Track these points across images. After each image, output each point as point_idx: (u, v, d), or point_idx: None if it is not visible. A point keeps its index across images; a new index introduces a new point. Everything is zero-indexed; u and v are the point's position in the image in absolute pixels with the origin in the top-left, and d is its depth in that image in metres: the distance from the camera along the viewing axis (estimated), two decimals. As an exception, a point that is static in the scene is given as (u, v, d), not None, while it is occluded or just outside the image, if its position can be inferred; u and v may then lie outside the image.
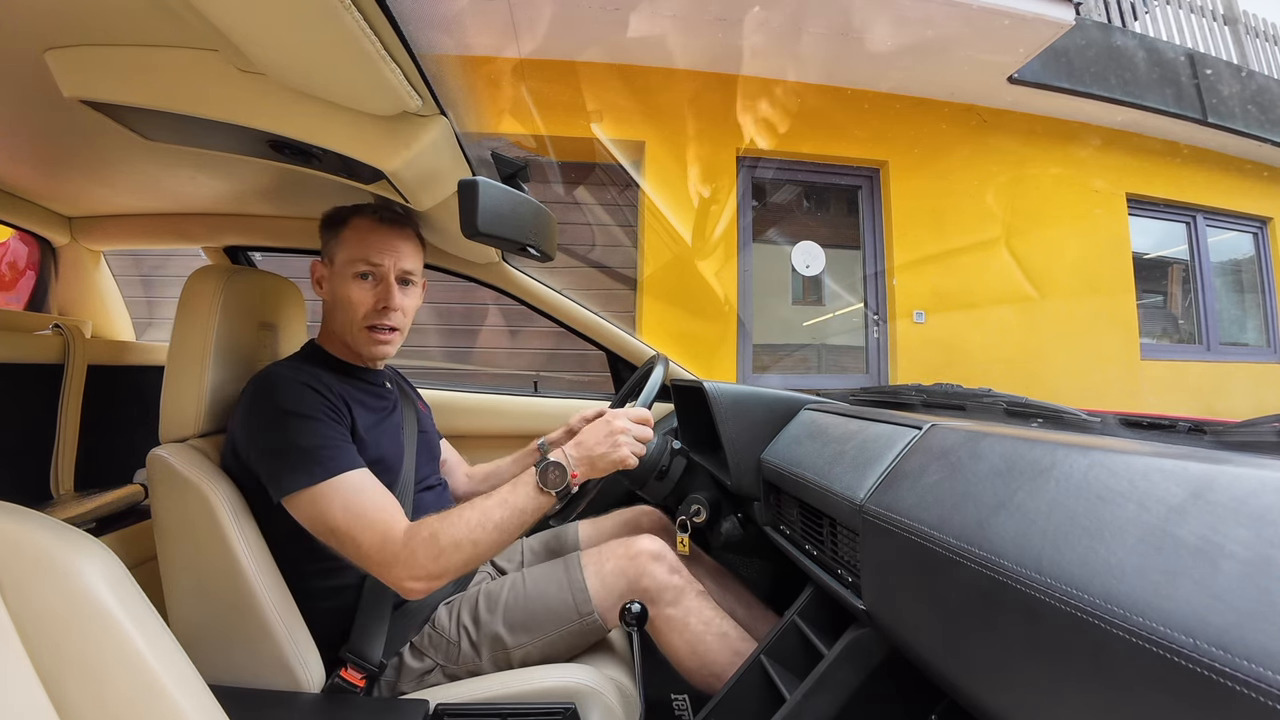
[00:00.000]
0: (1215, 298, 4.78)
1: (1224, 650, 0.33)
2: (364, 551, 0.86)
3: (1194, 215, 4.75)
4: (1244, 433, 0.58)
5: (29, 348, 1.29)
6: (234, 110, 0.75)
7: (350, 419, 0.96)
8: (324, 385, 0.95)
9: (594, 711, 0.92)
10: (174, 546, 0.89)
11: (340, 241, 1.03)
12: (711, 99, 3.83)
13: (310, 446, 0.88)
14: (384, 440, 1.03)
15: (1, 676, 0.40)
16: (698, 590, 1.06)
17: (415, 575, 0.86)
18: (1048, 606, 0.44)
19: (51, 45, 0.69)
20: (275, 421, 0.90)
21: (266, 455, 0.89)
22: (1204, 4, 4.83)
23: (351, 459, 0.91)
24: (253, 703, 0.86)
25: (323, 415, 0.91)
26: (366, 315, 1.01)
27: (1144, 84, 4.20)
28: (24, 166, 1.11)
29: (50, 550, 0.45)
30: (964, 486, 0.61)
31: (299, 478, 0.87)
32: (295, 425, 0.89)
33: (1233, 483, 0.41)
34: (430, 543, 0.87)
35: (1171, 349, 4.68)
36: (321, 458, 0.88)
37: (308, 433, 0.89)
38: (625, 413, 1.02)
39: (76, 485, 1.34)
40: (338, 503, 0.87)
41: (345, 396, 0.98)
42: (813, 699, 0.81)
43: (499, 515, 0.91)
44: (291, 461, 0.87)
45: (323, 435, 0.90)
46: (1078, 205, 4.36)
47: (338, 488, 0.87)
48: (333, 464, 0.88)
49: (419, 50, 0.64)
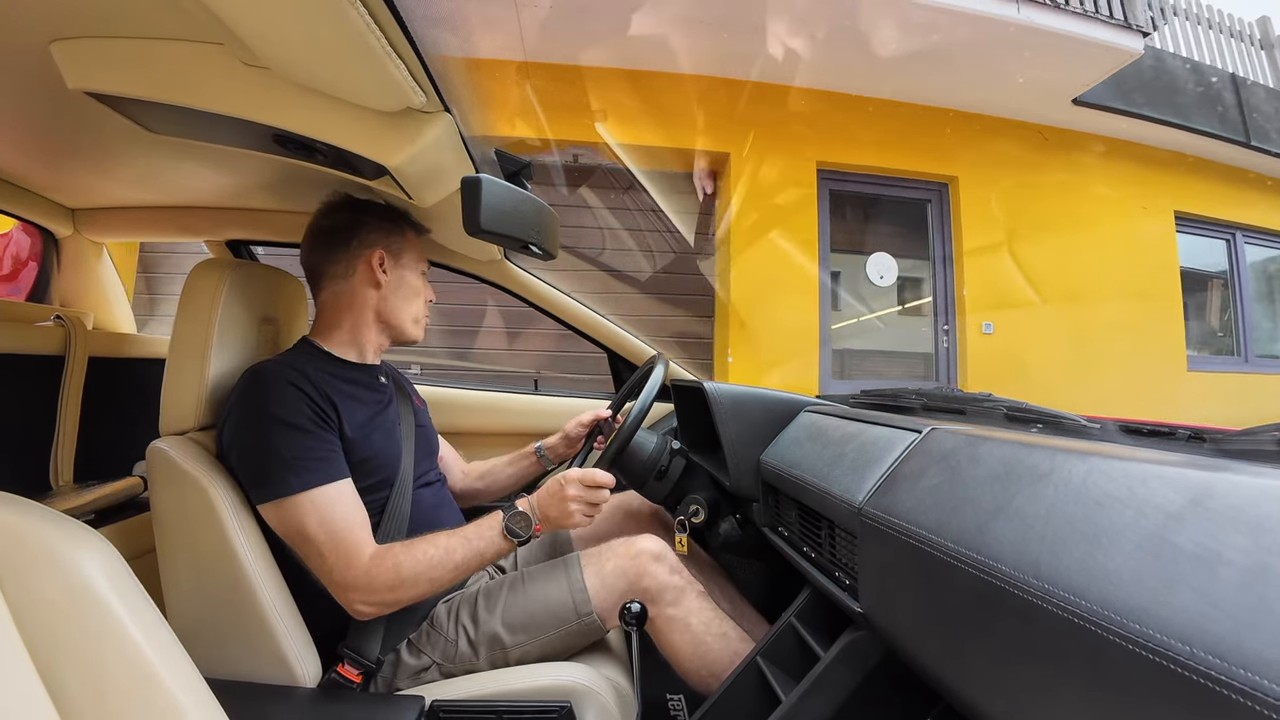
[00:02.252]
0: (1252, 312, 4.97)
1: (1220, 658, 0.33)
2: (327, 566, 0.88)
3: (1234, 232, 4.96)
4: (1243, 441, 0.58)
5: (30, 339, 1.29)
6: (238, 104, 0.75)
7: (338, 421, 0.95)
8: (313, 386, 0.94)
9: (590, 710, 0.92)
10: (172, 539, 0.89)
11: (406, 240, 1.13)
12: (791, 112, 3.96)
13: (290, 456, 0.88)
14: (376, 437, 1.02)
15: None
16: (698, 591, 1.06)
17: (369, 601, 0.89)
18: (1045, 612, 0.44)
19: (57, 37, 0.69)
20: (259, 425, 0.90)
21: (248, 458, 0.90)
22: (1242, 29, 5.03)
23: (331, 471, 0.91)
24: (249, 696, 0.86)
25: (307, 423, 0.91)
26: (425, 311, 1.16)
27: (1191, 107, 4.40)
28: (28, 158, 1.11)
29: (49, 541, 0.45)
30: (963, 491, 0.61)
31: (276, 487, 0.87)
32: (278, 432, 0.89)
33: (1232, 490, 0.41)
34: (392, 573, 0.88)
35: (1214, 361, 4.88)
36: (300, 468, 0.88)
37: (290, 441, 0.89)
38: (581, 476, 1.01)
39: (76, 477, 1.34)
40: (312, 516, 0.87)
41: (335, 395, 0.96)
42: (808, 701, 0.81)
43: (460, 556, 0.93)
44: (271, 469, 0.88)
45: (304, 445, 0.89)
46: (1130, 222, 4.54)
47: (314, 500, 0.87)
48: (311, 475, 0.88)
49: (424, 47, 0.64)
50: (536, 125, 3.74)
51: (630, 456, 1.25)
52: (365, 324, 1.09)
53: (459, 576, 0.94)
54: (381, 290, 1.09)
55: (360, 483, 0.96)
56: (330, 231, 1.07)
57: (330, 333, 1.07)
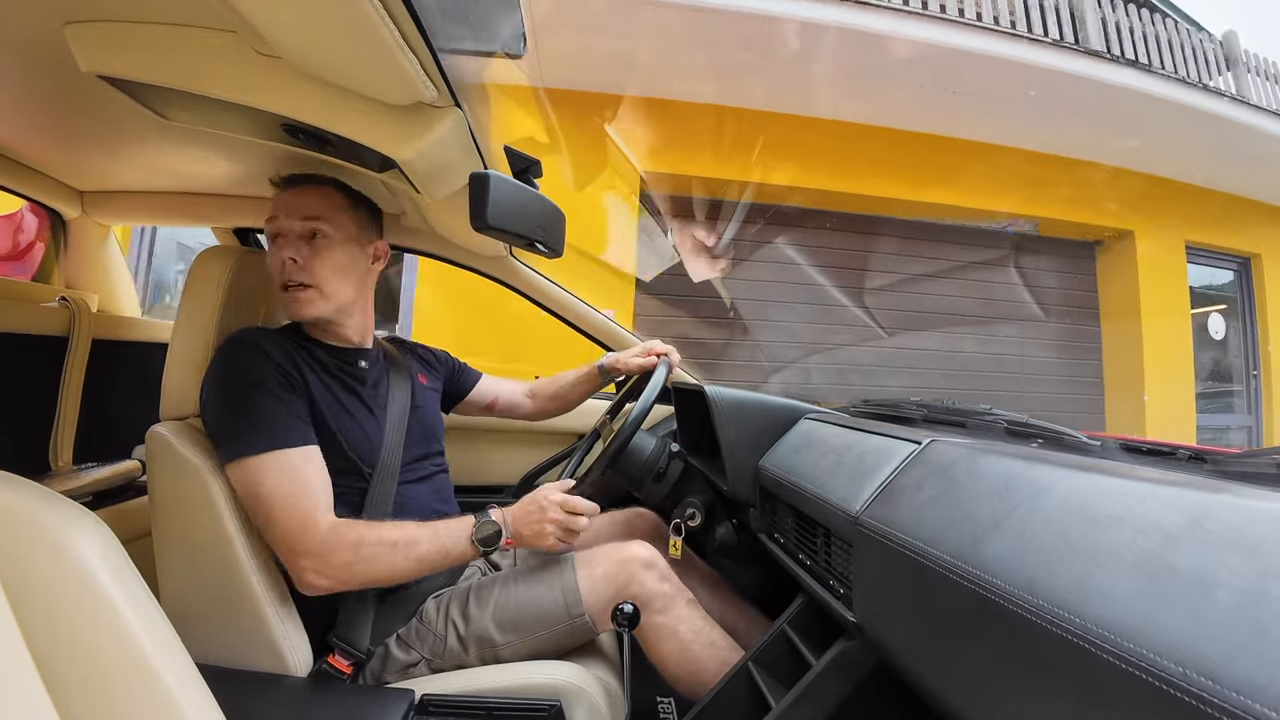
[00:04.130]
0: None
1: (1212, 680, 0.33)
2: (279, 531, 0.86)
3: None
4: (1244, 463, 0.57)
5: (35, 319, 1.29)
6: (250, 92, 0.75)
7: (307, 392, 0.96)
8: (282, 354, 0.95)
9: (579, 710, 0.92)
10: (169, 524, 0.89)
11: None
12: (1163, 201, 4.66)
13: (255, 418, 0.88)
14: (345, 420, 0.99)
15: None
16: (687, 598, 1.05)
17: (321, 572, 0.87)
18: (1038, 628, 0.44)
19: (71, 19, 0.69)
20: (227, 386, 0.91)
21: (215, 418, 0.90)
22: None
23: (296, 435, 0.91)
24: (240, 683, 0.86)
25: (274, 385, 0.91)
26: (277, 277, 1.00)
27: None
28: (39, 139, 1.11)
29: (45, 522, 0.45)
30: (960, 503, 0.61)
31: (238, 446, 0.87)
32: (245, 393, 0.90)
33: (1230, 512, 0.41)
34: (351, 549, 0.88)
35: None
36: (265, 429, 0.88)
37: (255, 402, 0.89)
38: (562, 501, 1.01)
39: (75, 458, 1.34)
40: (270, 477, 0.86)
41: (303, 369, 0.97)
42: (799, 708, 0.81)
43: (424, 549, 0.92)
44: (235, 429, 0.88)
45: (269, 407, 0.90)
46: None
47: (274, 461, 0.87)
48: (276, 437, 0.88)
49: (437, 41, 0.64)
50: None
51: (629, 457, 1.25)
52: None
53: (421, 570, 0.93)
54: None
55: (335, 464, 0.95)
56: None
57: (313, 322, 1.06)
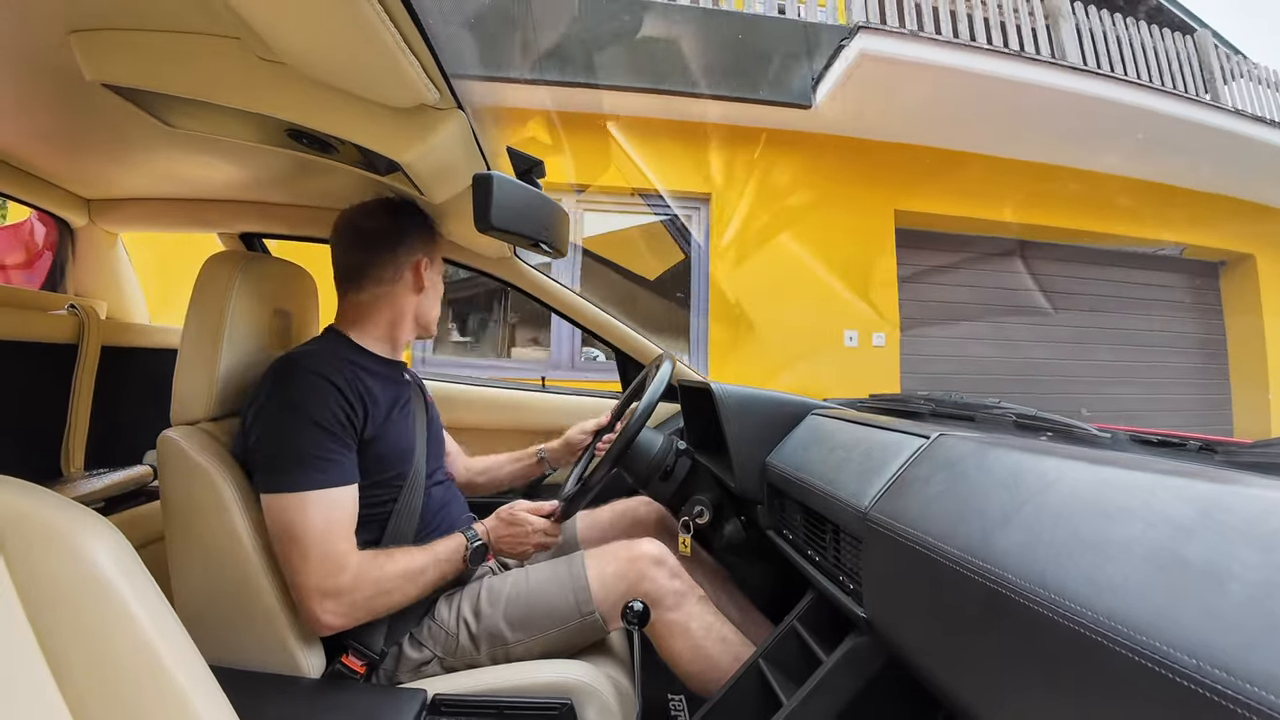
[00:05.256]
0: None
1: (1226, 672, 0.33)
2: (307, 569, 0.86)
3: None
4: (1256, 454, 0.57)
5: (44, 327, 1.30)
6: (254, 98, 0.75)
7: (364, 420, 0.95)
8: (346, 383, 0.94)
9: (590, 708, 0.92)
10: (181, 528, 0.90)
11: (435, 246, 1.15)
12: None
13: (306, 453, 0.88)
14: (396, 431, 1.02)
15: (5, 650, 0.40)
16: (699, 595, 1.05)
17: (342, 613, 0.88)
18: (1050, 622, 0.44)
19: (76, 28, 0.70)
20: (283, 415, 0.90)
21: (264, 445, 0.90)
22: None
23: (343, 473, 0.91)
24: (253, 685, 0.86)
25: (330, 422, 0.91)
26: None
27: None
28: (45, 148, 1.12)
29: (59, 527, 0.45)
30: (970, 498, 0.61)
31: (282, 479, 0.87)
32: (300, 426, 0.89)
33: (1242, 503, 0.40)
34: (372, 585, 0.90)
35: None
36: (315, 466, 0.88)
37: (308, 437, 0.89)
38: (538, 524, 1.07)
39: (87, 465, 1.35)
40: (309, 515, 0.86)
41: (364, 388, 0.97)
42: (810, 705, 0.80)
43: (430, 576, 0.96)
44: (282, 461, 0.88)
45: (323, 444, 0.89)
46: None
47: (315, 501, 0.87)
48: (323, 475, 0.88)
49: (438, 43, 0.65)
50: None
51: (635, 455, 1.25)
52: (403, 324, 1.11)
53: (424, 594, 0.97)
54: (421, 295, 1.12)
55: (376, 475, 0.97)
56: (374, 234, 1.07)
57: (364, 328, 1.08)
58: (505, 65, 3.60)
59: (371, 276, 1.07)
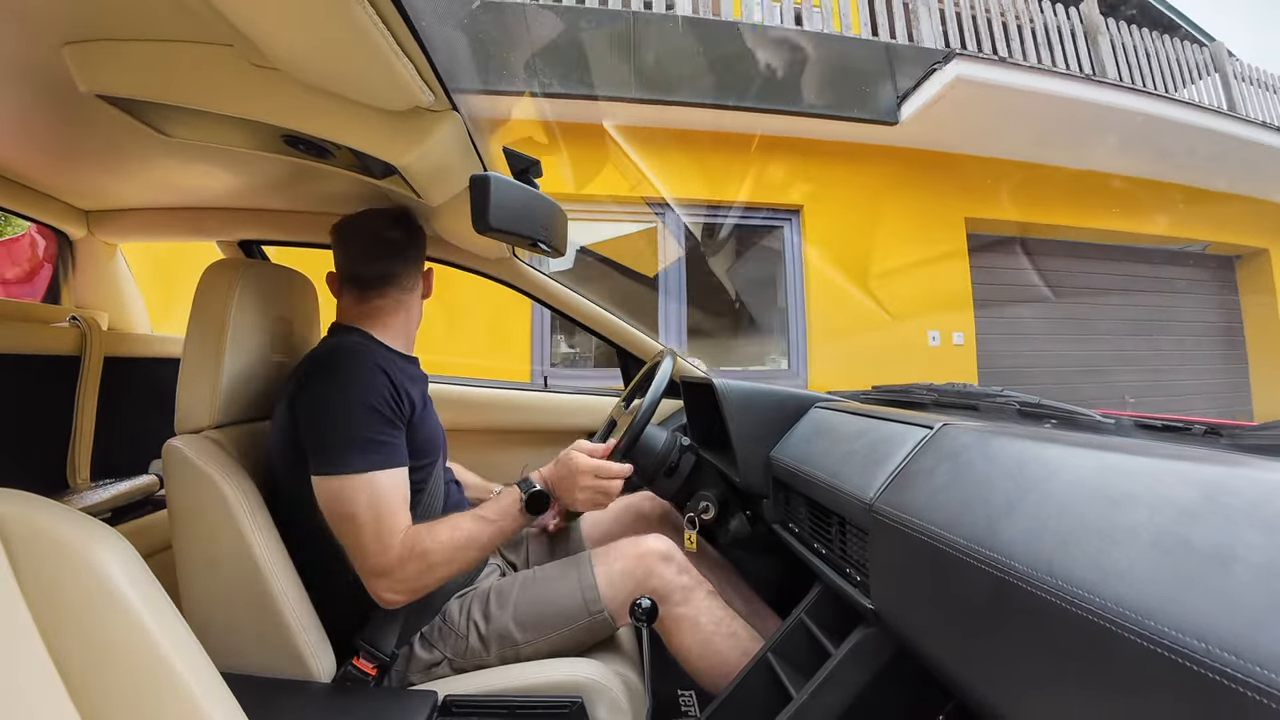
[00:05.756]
0: None
1: (1235, 655, 0.33)
2: (364, 551, 0.88)
3: None
4: (1260, 436, 0.57)
5: (47, 339, 1.31)
6: (248, 105, 0.75)
7: (410, 404, 0.98)
8: (391, 373, 0.96)
9: (601, 706, 0.92)
10: (188, 537, 0.90)
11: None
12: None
13: (363, 436, 0.90)
14: (429, 420, 1.07)
15: (16, 661, 0.41)
16: (707, 589, 1.06)
17: (397, 590, 0.90)
18: (1058, 609, 0.44)
19: (69, 39, 0.70)
20: (339, 398, 0.91)
21: (318, 428, 0.91)
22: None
23: (395, 457, 0.93)
24: (264, 691, 0.87)
25: (384, 407, 0.93)
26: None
27: None
28: (41, 160, 1.12)
29: (67, 538, 0.45)
30: (975, 487, 0.61)
31: (339, 462, 0.88)
32: (357, 410, 0.91)
33: (1247, 486, 0.40)
34: (421, 559, 0.90)
35: None
36: (368, 449, 0.90)
37: (366, 421, 0.91)
38: (594, 468, 1.02)
39: (93, 475, 1.36)
40: (365, 497, 0.88)
41: (405, 378, 1.00)
42: (819, 698, 0.81)
43: (486, 537, 0.96)
44: (339, 444, 0.89)
45: (378, 428, 0.92)
46: None
47: (372, 483, 0.89)
48: (378, 459, 0.90)
49: (431, 45, 0.64)
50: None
51: (640, 452, 1.25)
52: (415, 325, 1.17)
53: (484, 556, 0.98)
54: (425, 299, 1.19)
55: (415, 461, 0.99)
56: (400, 244, 1.11)
57: (386, 330, 1.10)
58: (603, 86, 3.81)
59: (396, 284, 1.11)
